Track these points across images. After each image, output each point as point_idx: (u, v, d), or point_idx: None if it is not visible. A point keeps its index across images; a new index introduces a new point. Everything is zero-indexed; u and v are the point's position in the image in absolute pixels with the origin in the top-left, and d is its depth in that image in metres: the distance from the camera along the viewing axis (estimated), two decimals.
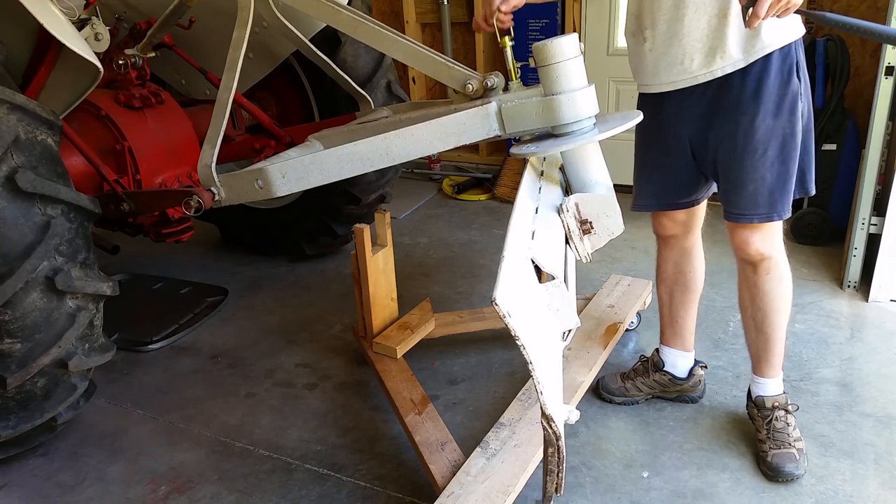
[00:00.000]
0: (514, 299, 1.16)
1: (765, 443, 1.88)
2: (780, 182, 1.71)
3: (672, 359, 2.13)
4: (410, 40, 1.89)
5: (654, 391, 2.16)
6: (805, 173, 1.75)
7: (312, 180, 1.83)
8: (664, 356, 2.14)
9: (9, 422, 1.83)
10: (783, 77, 1.65)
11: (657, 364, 2.14)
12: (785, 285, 1.85)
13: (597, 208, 1.59)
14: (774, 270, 1.82)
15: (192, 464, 2.01)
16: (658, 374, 2.14)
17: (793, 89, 1.66)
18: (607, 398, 2.17)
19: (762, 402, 1.93)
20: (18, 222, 1.64)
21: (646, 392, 2.15)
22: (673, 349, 2.13)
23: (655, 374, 2.14)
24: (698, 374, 2.14)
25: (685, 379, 2.12)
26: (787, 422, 1.89)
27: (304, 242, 3.22)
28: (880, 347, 2.39)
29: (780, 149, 1.69)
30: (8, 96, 1.67)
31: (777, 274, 1.83)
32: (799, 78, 1.66)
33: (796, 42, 1.65)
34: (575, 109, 1.56)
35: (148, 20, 2.52)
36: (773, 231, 1.79)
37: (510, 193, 4.00)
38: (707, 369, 2.18)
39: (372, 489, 1.87)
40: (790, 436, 1.87)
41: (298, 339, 2.66)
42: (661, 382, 2.14)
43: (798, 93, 1.67)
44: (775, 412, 1.91)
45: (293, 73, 2.89)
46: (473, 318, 2.47)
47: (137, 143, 2.35)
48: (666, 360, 2.13)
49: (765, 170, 1.70)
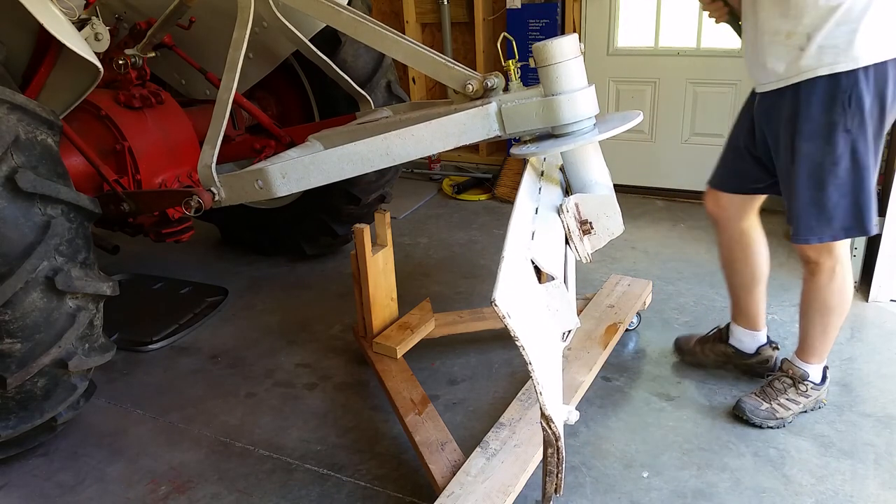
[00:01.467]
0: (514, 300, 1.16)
1: (756, 389, 2.05)
2: (813, 208, 1.73)
3: (738, 335, 2.22)
4: (410, 40, 1.89)
5: (720, 360, 2.26)
6: (861, 210, 1.72)
7: (313, 180, 1.83)
8: (732, 331, 2.23)
9: (9, 422, 1.83)
10: (825, 104, 1.63)
11: (723, 336, 2.25)
12: (832, 289, 1.88)
13: (597, 209, 1.59)
14: (822, 275, 1.86)
15: (192, 464, 2.01)
16: (724, 345, 2.24)
17: (833, 118, 1.63)
18: (678, 356, 2.34)
19: (782, 363, 2.06)
20: (18, 222, 1.64)
21: (713, 359, 2.27)
22: (739, 326, 2.22)
23: (721, 344, 2.24)
24: (766, 353, 2.18)
25: (751, 355, 2.20)
26: (786, 388, 1.99)
27: (304, 242, 3.22)
28: (880, 347, 2.39)
29: (811, 175, 1.70)
30: (8, 96, 1.67)
31: (824, 278, 1.87)
32: (846, 108, 1.61)
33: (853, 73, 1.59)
34: (575, 110, 1.56)
35: (148, 20, 2.52)
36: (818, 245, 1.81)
37: (510, 193, 4.00)
38: (779, 350, 2.21)
39: (372, 489, 1.87)
40: (777, 397, 1.99)
41: (298, 339, 2.66)
42: (726, 354, 2.24)
43: (839, 123, 1.63)
44: (782, 376, 2.03)
45: (293, 73, 2.88)
46: (473, 318, 2.47)
47: (137, 143, 2.35)
48: (733, 334, 2.23)
49: (799, 192, 1.74)
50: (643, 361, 2.38)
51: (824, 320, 1.93)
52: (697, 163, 3.82)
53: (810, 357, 2.01)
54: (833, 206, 1.71)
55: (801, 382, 2.01)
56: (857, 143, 1.64)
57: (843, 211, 1.72)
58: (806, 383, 2.01)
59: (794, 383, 2.01)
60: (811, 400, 2.02)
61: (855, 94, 1.60)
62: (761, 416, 1.99)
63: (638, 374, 2.30)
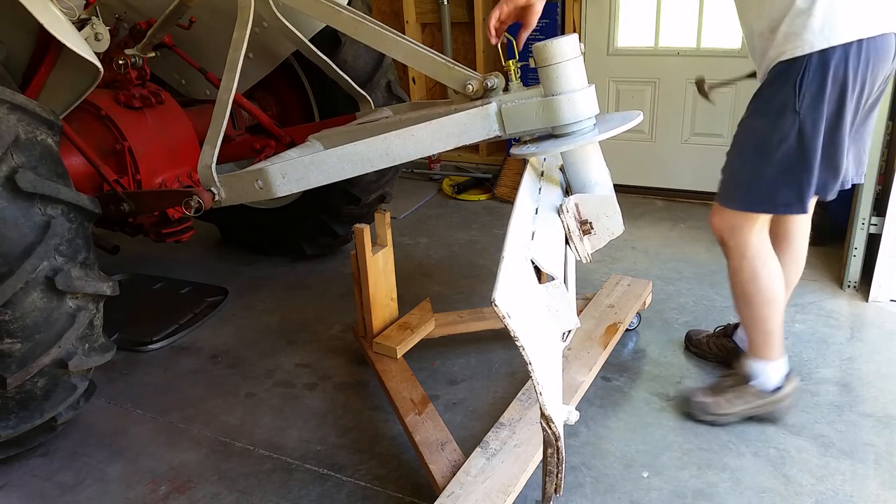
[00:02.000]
0: (514, 300, 1.16)
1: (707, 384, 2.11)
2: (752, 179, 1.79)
3: (742, 334, 2.22)
4: (410, 41, 1.89)
5: (720, 354, 2.31)
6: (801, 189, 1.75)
7: (313, 181, 1.83)
8: (738, 330, 2.26)
9: (9, 422, 1.83)
10: (777, 85, 1.71)
11: (728, 332, 2.31)
12: (741, 278, 1.92)
13: (597, 209, 1.59)
14: (732, 259, 1.92)
15: (192, 464, 2.01)
16: (727, 340, 2.30)
17: (784, 99, 1.69)
18: (687, 345, 2.42)
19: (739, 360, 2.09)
20: (18, 222, 1.64)
21: (714, 353, 2.33)
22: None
23: (725, 339, 2.31)
24: None
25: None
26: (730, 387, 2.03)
27: (304, 242, 3.22)
28: (880, 347, 2.39)
29: (757, 149, 1.76)
30: (8, 96, 1.66)
31: (734, 264, 1.92)
32: (796, 90, 1.66)
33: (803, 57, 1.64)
34: (575, 110, 1.56)
35: (148, 20, 2.52)
36: (730, 218, 1.86)
37: (510, 193, 4.00)
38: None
39: (372, 489, 1.87)
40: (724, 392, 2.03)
41: (298, 339, 2.66)
42: (727, 348, 2.29)
43: (788, 103, 1.68)
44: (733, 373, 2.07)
45: (293, 73, 2.88)
46: (473, 318, 2.47)
47: (137, 143, 2.35)
48: (737, 332, 2.27)
49: (741, 162, 1.82)
50: (643, 361, 2.38)
51: (747, 309, 1.96)
52: (697, 163, 3.82)
53: (752, 349, 2.02)
54: (772, 180, 1.76)
55: (745, 384, 2.02)
56: (804, 124, 1.68)
57: (781, 187, 1.76)
58: (752, 385, 2.00)
59: (740, 383, 2.03)
60: (756, 406, 2.00)
61: (805, 78, 1.65)
62: (697, 408, 2.04)
63: (638, 374, 2.30)
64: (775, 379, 2.00)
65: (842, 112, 1.68)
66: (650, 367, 2.33)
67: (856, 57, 1.63)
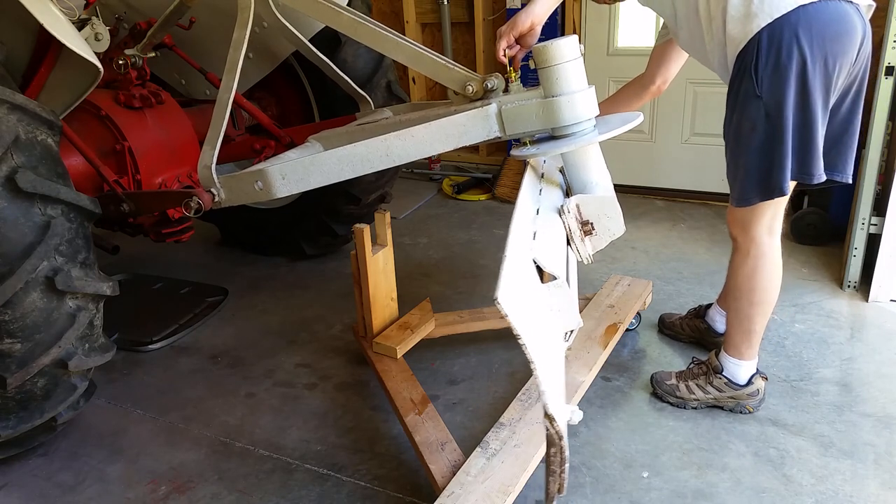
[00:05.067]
0: (517, 298, 1.16)
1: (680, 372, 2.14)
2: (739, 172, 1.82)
3: (714, 315, 2.36)
4: (411, 42, 1.89)
5: (693, 335, 2.42)
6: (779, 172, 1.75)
7: (312, 181, 1.83)
8: (710, 311, 2.38)
9: (9, 422, 1.83)
10: (737, 76, 1.74)
11: (700, 313, 2.40)
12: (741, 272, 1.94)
13: (597, 209, 1.59)
14: (738, 253, 1.95)
15: (192, 464, 2.01)
16: (699, 320, 2.39)
17: (745, 87, 1.72)
18: (661, 328, 2.52)
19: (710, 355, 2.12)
20: (18, 222, 1.64)
21: (687, 333, 2.43)
22: (719, 308, 2.34)
23: (697, 319, 2.40)
24: None
25: (719, 335, 2.30)
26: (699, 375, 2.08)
27: (304, 242, 3.22)
28: (880, 347, 2.40)
29: (736, 142, 1.81)
30: (8, 96, 1.66)
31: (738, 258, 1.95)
32: (752, 76, 1.68)
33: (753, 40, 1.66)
34: (575, 111, 1.56)
35: (148, 20, 2.52)
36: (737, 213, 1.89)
37: (510, 193, 4.00)
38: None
39: (372, 489, 1.87)
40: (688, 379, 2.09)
41: (298, 339, 2.66)
42: (699, 329, 2.39)
43: (749, 91, 1.70)
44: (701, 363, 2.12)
45: (293, 73, 2.88)
46: (473, 318, 2.47)
47: (137, 143, 2.35)
48: (709, 313, 2.38)
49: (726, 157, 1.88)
50: (643, 361, 2.38)
51: (737, 306, 1.98)
52: (697, 163, 3.82)
53: (729, 349, 2.04)
54: (755, 169, 1.77)
55: (714, 374, 2.06)
56: (768, 107, 1.70)
57: (765, 173, 1.76)
58: (721, 377, 2.05)
59: (708, 371, 2.07)
60: (725, 396, 2.05)
61: (760, 61, 1.67)
62: (664, 388, 2.11)
63: (638, 374, 2.30)
64: (744, 376, 2.04)
65: (807, 90, 1.66)
66: (650, 367, 2.33)
67: (806, 28, 1.61)
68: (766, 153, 1.74)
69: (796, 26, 1.61)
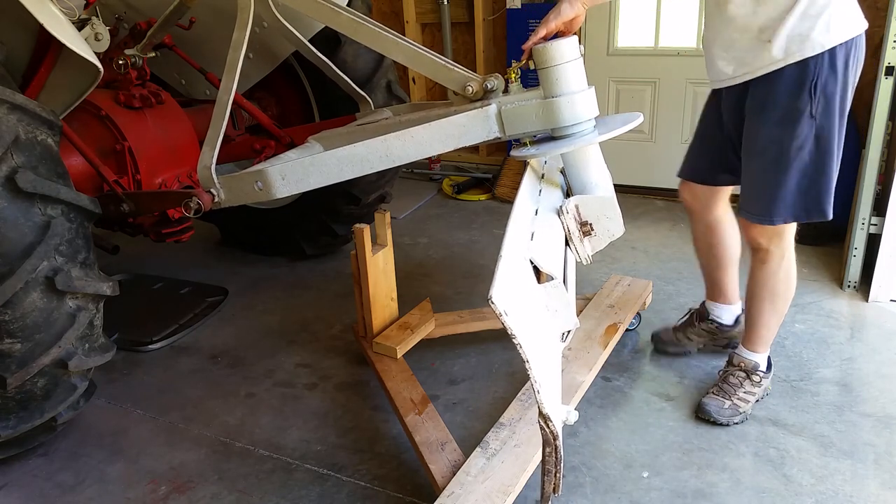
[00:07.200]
0: (511, 298, 1.16)
1: (713, 388, 2.08)
2: (777, 191, 1.78)
3: (717, 311, 2.31)
4: (410, 42, 1.89)
5: (703, 339, 2.33)
6: (821, 194, 1.76)
7: (312, 182, 1.83)
8: (710, 309, 2.31)
9: (9, 422, 1.83)
10: (792, 92, 1.69)
11: (703, 314, 2.32)
12: (778, 278, 1.94)
13: (597, 210, 1.59)
14: (772, 262, 1.93)
15: (192, 464, 2.01)
16: (704, 322, 2.32)
17: (800, 105, 1.68)
18: (661, 349, 2.38)
19: (731, 357, 2.11)
20: (18, 222, 1.64)
21: (696, 341, 2.34)
22: (717, 303, 2.31)
23: (702, 323, 2.32)
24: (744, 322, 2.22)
25: (731, 326, 2.28)
26: (742, 382, 2.04)
27: (304, 242, 3.22)
28: (880, 347, 2.40)
29: (776, 159, 1.76)
30: (8, 96, 1.66)
31: (773, 266, 1.94)
32: (812, 95, 1.66)
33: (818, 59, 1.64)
34: (574, 112, 1.56)
35: (148, 20, 2.51)
36: (769, 230, 1.88)
37: (510, 193, 4.00)
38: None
39: (372, 489, 1.87)
40: (736, 392, 2.03)
41: (298, 339, 2.66)
42: (708, 330, 2.32)
43: (804, 109, 1.68)
44: (735, 370, 2.07)
45: (293, 73, 2.88)
46: (473, 318, 2.47)
47: (137, 143, 2.35)
48: (711, 312, 2.31)
49: (763, 175, 1.80)
50: (643, 361, 2.38)
51: (773, 308, 1.99)
52: None
53: (758, 346, 2.06)
54: (796, 189, 1.77)
55: (753, 373, 2.05)
56: (821, 128, 1.70)
57: (805, 194, 1.77)
58: (758, 373, 2.05)
59: (748, 375, 2.06)
60: (762, 389, 2.08)
61: (820, 81, 1.66)
62: (727, 415, 2.03)
63: (638, 374, 2.30)
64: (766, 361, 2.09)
65: (844, 111, 1.70)
66: (650, 367, 2.34)
67: (854, 54, 1.64)
68: (810, 175, 1.74)
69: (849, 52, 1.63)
